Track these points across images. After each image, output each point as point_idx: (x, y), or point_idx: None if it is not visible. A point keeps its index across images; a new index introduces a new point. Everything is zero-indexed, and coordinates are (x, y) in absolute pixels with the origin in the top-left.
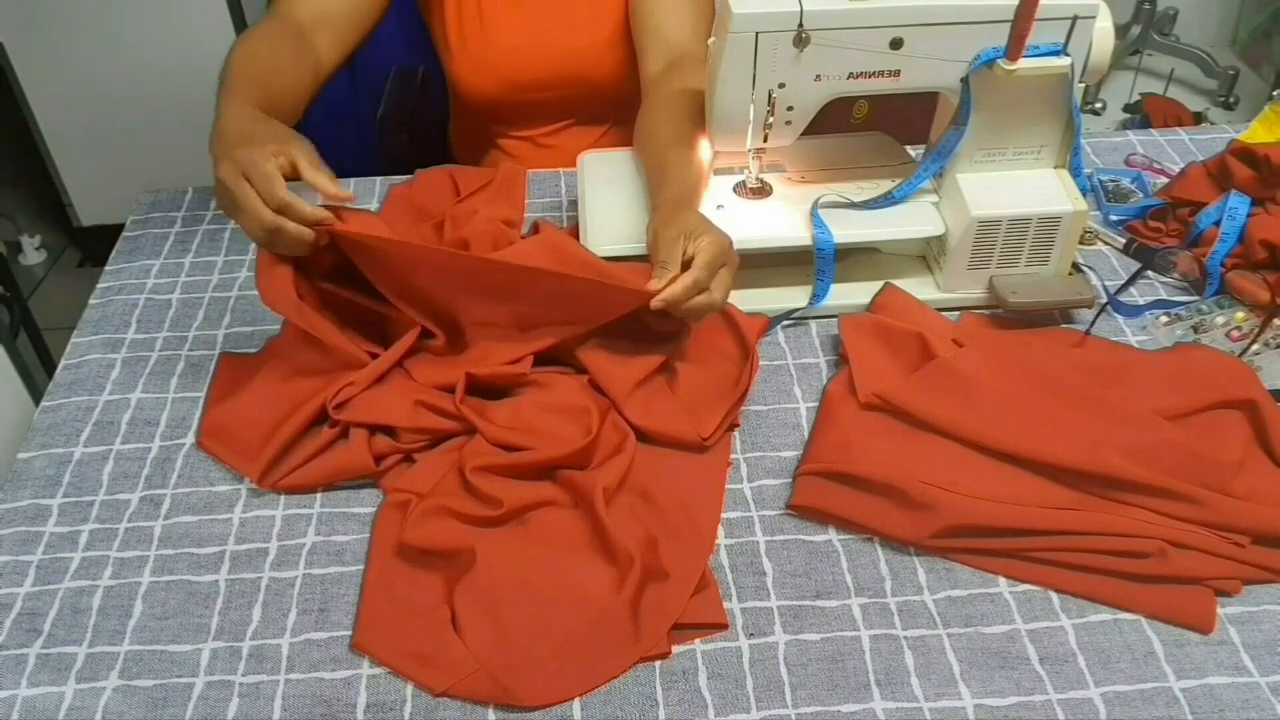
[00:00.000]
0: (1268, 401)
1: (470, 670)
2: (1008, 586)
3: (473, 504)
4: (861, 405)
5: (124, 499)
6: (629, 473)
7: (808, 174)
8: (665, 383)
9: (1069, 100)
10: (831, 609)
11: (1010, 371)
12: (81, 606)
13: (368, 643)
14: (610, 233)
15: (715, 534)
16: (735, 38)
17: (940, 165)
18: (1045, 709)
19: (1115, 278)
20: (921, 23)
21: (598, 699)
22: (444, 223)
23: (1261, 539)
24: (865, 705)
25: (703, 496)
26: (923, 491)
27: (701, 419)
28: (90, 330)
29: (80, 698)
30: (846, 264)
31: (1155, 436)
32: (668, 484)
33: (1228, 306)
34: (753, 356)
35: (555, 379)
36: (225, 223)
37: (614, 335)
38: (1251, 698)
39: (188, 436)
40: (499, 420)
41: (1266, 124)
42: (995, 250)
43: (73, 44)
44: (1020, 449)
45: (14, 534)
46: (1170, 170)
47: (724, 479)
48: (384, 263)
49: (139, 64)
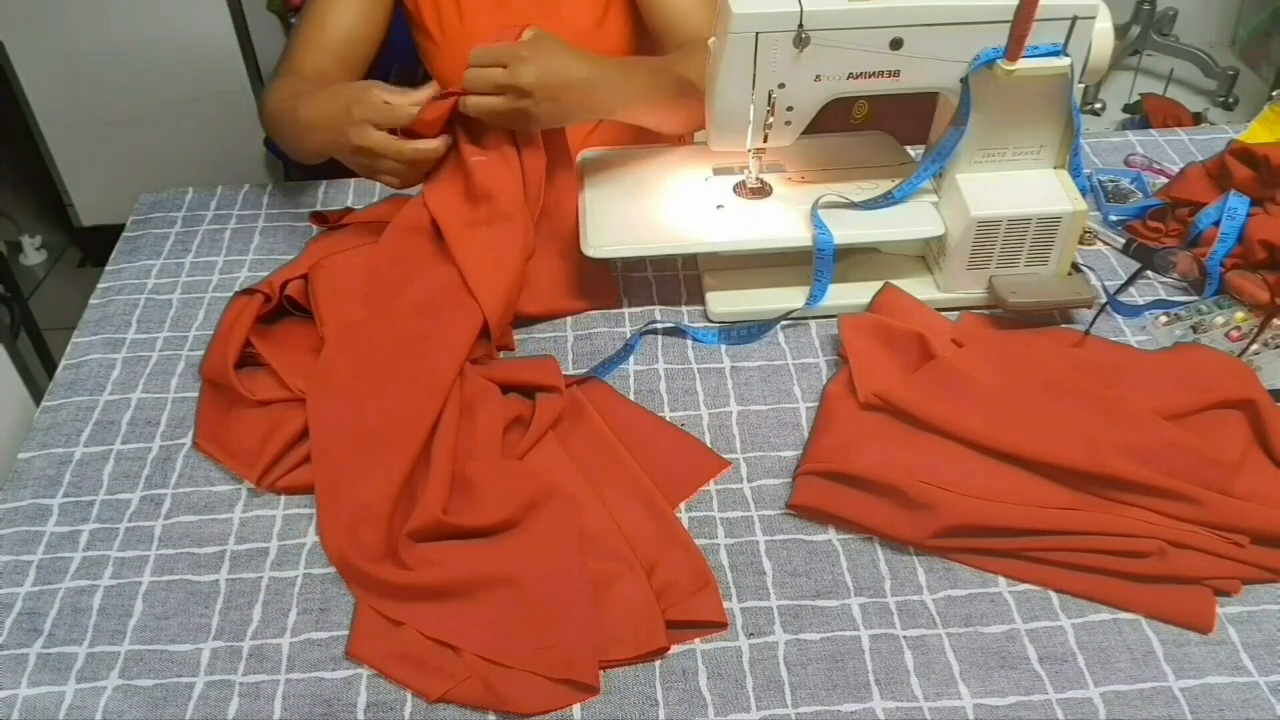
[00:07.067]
0: (1267, 401)
1: (464, 676)
2: (1007, 586)
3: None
4: (861, 405)
5: (124, 499)
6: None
7: (808, 174)
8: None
9: (1069, 100)
10: (831, 609)
11: (1010, 371)
12: (82, 606)
13: (362, 649)
14: (610, 233)
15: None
16: (735, 38)
17: (940, 165)
18: (1045, 709)
19: (1115, 278)
20: (921, 23)
21: (597, 699)
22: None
23: (1261, 539)
24: (865, 705)
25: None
26: (922, 491)
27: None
28: (91, 330)
29: (80, 697)
30: (846, 264)
31: (1155, 436)
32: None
33: (1227, 306)
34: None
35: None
36: (225, 223)
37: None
38: (1251, 697)
39: (188, 436)
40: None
41: (1266, 124)
42: (995, 250)
43: (73, 44)
44: (1020, 449)
45: (14, 534)
46: (1170, 170)
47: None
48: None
49: (140, 64)
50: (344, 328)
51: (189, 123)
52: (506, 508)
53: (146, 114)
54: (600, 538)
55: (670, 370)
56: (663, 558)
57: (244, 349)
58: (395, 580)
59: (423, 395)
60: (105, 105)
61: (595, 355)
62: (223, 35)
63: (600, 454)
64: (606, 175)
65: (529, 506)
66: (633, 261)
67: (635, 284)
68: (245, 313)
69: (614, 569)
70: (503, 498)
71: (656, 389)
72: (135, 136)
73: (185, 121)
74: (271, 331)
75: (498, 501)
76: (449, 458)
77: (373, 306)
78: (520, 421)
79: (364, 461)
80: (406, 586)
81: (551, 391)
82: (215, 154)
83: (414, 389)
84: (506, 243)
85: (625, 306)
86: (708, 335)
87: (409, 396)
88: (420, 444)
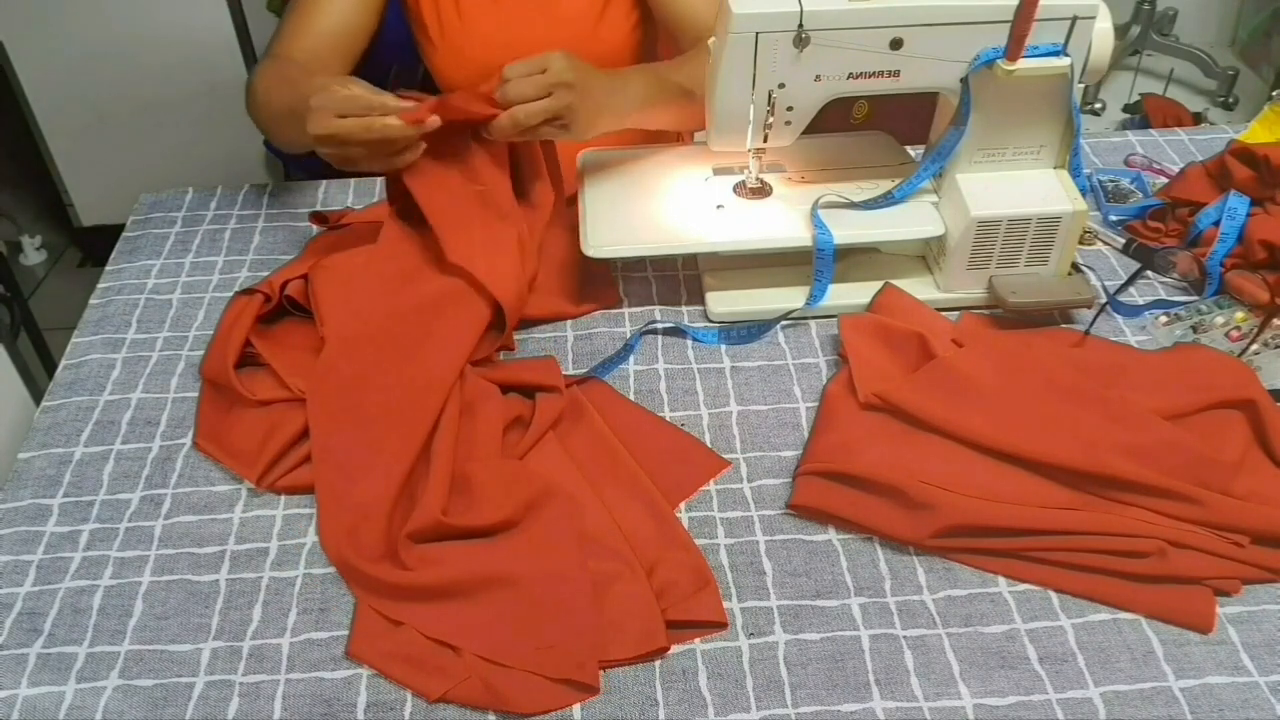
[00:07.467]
0: (1267, 401)
1: (464, 676)
2: (1007, 586)
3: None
4: (861, 405)
5: (124, 499)
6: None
7: (808, 174)
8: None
9: (1068, 100)
10: (831, 609)
11: (1010, 371)
12: (82, 606)
13: (362, 649)
14: (610, 233)
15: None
16: (735, 38)
17: (940, 165)
18: (1045, 709)
19: (1115, 278)
20: (921, 23)
21: (597, 699)
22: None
23: (1261, 539)
24: (865, 705)
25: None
26: (922, 491)
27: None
28: (91, 330)
29: (81, 697)
30: (846, 264)
31: (1155, 436)
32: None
33: (1227, 306)
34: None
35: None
36: (225, 223)
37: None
38: (1251, 697)
39: (188, 436)
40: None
41: (1266, 124)
42: (995, 250)
43: (73, 44)
44: (1020, 449)
45: (14, 534)
46: (1169, 170)
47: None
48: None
49: (139, 64)
50: (344, 328)
51: (189, 122)
52: (506, 508)
53: (146, 114)
54: (600, 538)
55: (670, 370)
56: (663, 558)
57: (244, 349)
58: (395, 580)
59: (423, 395)
60: (105, 105)
61: (595, 355)
62: (223, 35)
63: (600, 454)
64: (606, 175)
65: (529, 507)
66: (633, 261)
67: (635, 284)
68: (245, 313)
69: (614, 569)
70: (502, 498)
71: (656, 389)
72: (135, 136)
73: (185, 121)
74: (271, 331)
75: (497, 502)
76: (449, 458)
77: (373, 306)
78: (520, 422)
79: (364, 462)
80: (406, 587)
81: (551, 392)
82: (215, 154)
83: (414, 389)
84: (504, 239)
85: (625, 306)
86: (708, 335)
87: (409, 397)
88: (420, 444)
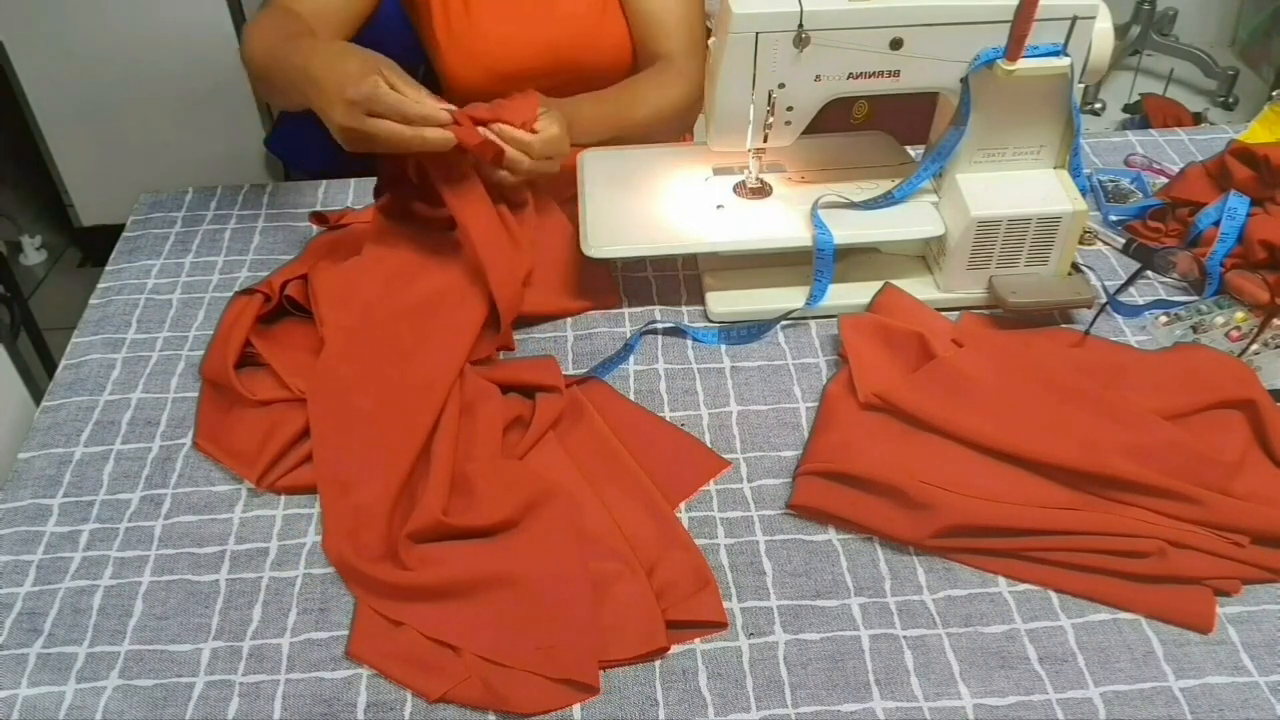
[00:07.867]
0: (1267, 401)
1: (464, 676)
2: (1007, 586)
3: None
4: (861, 405)
5: (124, 499)
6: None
7: (808, 174)
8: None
9: (1068, 100)
10: (831, 609)
11: (1010, 371)
12: (82, 606)
13: (362, 649)
14: (610, 233)
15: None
16: (735, 38)
17: (940, 165)
18: (1045, 709)
19: (1115, 278)
20: (921, 23)
21: (597, 699)
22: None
23: (1261, 539)
24: (865, 705)
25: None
26: (922, 491)
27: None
28: (91, 330)
29: (81, 697)
30: (846, 264)
31: (1155, 436)
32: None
33: (1227, 306)
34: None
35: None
36: (225, 223)
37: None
38: (1251, 697)
39: (188, 436)
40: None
41: (1266, 124)
42: (995, 250)
43: (73, 43)
44: (1020, 449)
45: (14, 534)
46: (1170, 170)
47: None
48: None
49: (140, 64)
50: (344, 328)
51: (189, 122)
52: (506, 508)
53: (146, 114)
54: (600, 538)
55: (670, 370)
56: (663, 558)
57: (244, 349)
58: (395, 580)
59: (423, 395)
60: (105, 105)
61: (595, 355)
62: (223, 35)
63: (600, 454)
64: (606, 175)
65: (529, 507)
66: (633, 261)
67: (635, 284)
68: (245, 313)
69: (614, 569)
70: (502, 498)
71: (656, 389)
72: (135, 136)
73: (185, 121)
74: (271, 331)
75: (497, 502)
76: (449, 458)
77: (373, 306)
78: (520, 422)
79: (364, 462)
80: (406, 587)
81: (551, 391)
82: (215, 153)
83: (414, 389)
84: (502, 234)
85: (625, 306)
86: (708, 335)
87: (409, 397)
88: (420, 444)
